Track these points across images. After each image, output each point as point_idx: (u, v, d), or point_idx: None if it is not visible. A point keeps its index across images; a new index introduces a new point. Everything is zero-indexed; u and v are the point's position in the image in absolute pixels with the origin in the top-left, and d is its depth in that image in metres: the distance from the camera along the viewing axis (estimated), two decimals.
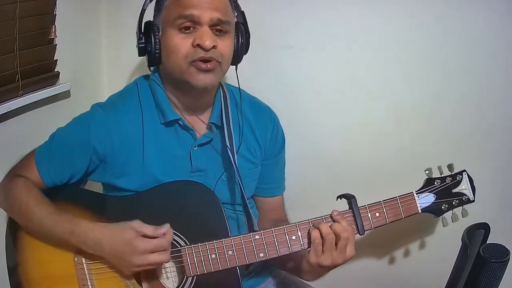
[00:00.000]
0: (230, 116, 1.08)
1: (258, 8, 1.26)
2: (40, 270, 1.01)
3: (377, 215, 0.98)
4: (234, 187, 1.11)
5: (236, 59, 1.05)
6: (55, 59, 1.31)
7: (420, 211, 1.01)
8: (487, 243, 0.98)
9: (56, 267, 1.00)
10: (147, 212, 1.02)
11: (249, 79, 1.16)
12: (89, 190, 1.10)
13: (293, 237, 0.97)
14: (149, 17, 1.04)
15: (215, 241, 0.96)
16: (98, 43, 1.49)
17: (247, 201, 1.05)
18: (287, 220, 1.22)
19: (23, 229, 1.02)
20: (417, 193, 1.01)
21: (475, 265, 0.94)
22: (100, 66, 1.51)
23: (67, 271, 0.99)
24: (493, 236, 1.01)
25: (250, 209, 1.05)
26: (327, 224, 0.94)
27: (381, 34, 1.26)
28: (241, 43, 1.05)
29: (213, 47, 0.96)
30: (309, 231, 0.95)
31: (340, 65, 1.32)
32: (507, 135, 1.21)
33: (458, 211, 1.02)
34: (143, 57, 1.04)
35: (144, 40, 1.01)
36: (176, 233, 0.99)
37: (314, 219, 0.98)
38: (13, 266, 1.03)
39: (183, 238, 0.99)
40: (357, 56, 1.29)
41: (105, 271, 0.99)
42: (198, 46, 0.96)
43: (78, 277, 0.99)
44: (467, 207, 1.02)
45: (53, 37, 1.28)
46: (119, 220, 1.00)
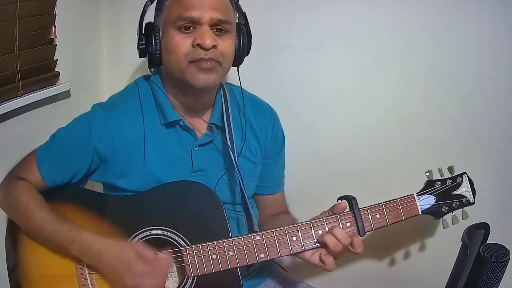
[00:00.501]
0: (230, 116, 1.08)
1: (258, 8, 1.26)
2: (40, 269, 1.01)
3: (378, 216, 0.99)
4: (234, 186, 1.11)
5: (237, 60, 1.05)
6: (55, 59, 1.31)
7: (420, 213, 1.01)
8: (487, 243, 0.98)
9: (56, 267, 1.00)
10: (147, 212, 1.02)
11: (249, 79, 1.16)
12: (89, 189, 1.10)
13: (294, 238, 0.97)
14: (150, 18, 1.04)
15: (216, 242, 0.97)
16: (98, 43, 1.49)
17: (247, 200, 1.05)
18: (288, 212, 1.24)
19: (23, 231, 1.02)
20: (417, 195, 1.01)
21: (475, 265, 0.94)
22: (100, 66, 1.51)
23: (67, 270, 0.99)
24: (493, 236, 1.01)
25: (250, 209, 1.05)
26: (341, 229, 0.95)
27: (382, 34, 1.26)
28: (242, 44, 1.05)
29: (213, 46, 0.96)
30: (323, 238, 0.95)
31: (340, 65, 1.32)
32: (508, 136, 1.21)
33: (458, 213, 1.02)
34: (144, 58, 1.04)
35: (144, 41, 1.01)
36: (177, 233, 0.99)
37: (314, 220, 0.98)
38: (13, 266, 1.03)
39: (184, 238, 0.99)
40: (357, 56, 1.29)
41: None
42: (198, 45, 0.96)
43: (78, 276, 0.99)
44: (467, 209, 1.03)
45: (53, 37, 1.28)
46: (119, 220, 1.00)
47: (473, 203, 1.02)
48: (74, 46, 1.37)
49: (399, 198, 1.00)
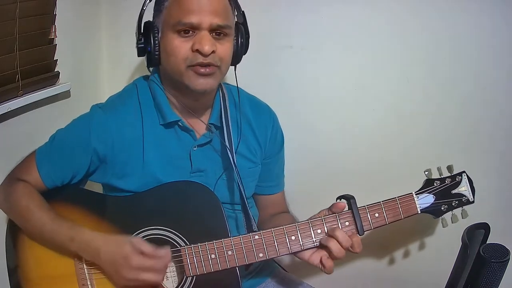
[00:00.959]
0: (229, 116, 1.08)
1: (258, 7, 1.26)
2: (40, 270, 1.01)
3: (377, 215, 0.98)
4: (233, 186, 1.11)
5: (235, 59, 1.05)
6: (55, 59, 1.32)
7: (419, 212, 1.00)
8: (487, 243, 0.98)
9: (56, 267, 1.00)
10: (147, 212, 1.02)
11: (249, 79, 1.16)
12: (89, 190, 1.10)
13: (293, 238, 0.97)
14: (149, 16, 1.04)
15: (214, 241, 0.97)
16: (98, 43, 1.49)
17: (246, 200, 1.05)
18: (288, 211, 1.23)
19: (23, 232, 1.02)
20: (416, 194, 1.01)
21: (475, 265, 0.94)
22: (100, 66, 1.51)
23: (67, 271, 1.00)
24: (493, 236, 1.00)
25: (249, 209, 1.05)
26: (343, 233, 0.95)
27: (382, 34, 1.26)
28: (240, 43, 1.04)
29: (212, 52, 0.96)
30: (327, 243, 0.95)
31: (340, 65, 1.32)
32: (508, 136, 1.21)
33: (457, 212, 1.02)
34: (143, 57, 1.04)
35: (143, 40, 1.01)
36: (175, 233, 0.99)
37: (313, 219, 0.98)
38: (13, 266, 1.03)
39: (183, 238, 0.99)
40: (357, 56, 1.29)
41: None
42: (197, 51, 0.96)
43: (78, 277, 0.99)
44: (466, 208, 1.02)
45: (53, 37, 1.28)
46: (119, 220, 1.00)
47: (473, 201, 1.02)
48: (74, 46, 1.38)
49: (398, 197, 1.00)
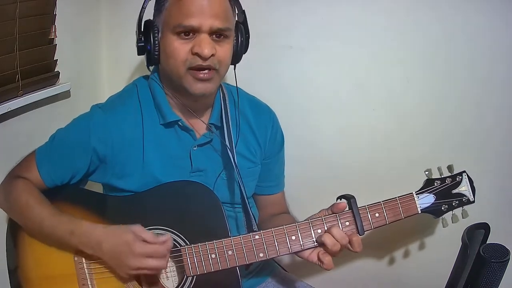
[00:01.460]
0: (229, 116, 1.08)
1: (258, 7, 1.26)
2: (40, 269, 1.02)
3: (377, 215, 0.98)
4: (233, 186, 1.11)
5: (235, 58, 1.05)
6: (55, 59, 1.32)
7: (419, 212, 1.01)
8: (487, 243, 0.97)
9: (56, 267, 1.00)
10: (147, 212, 1.02)
11: (249, 79, 1.16)
12: (89, 190, 1.10)
13: (293, 237, 0.97)
14: (149, 15, 1.04)
15: (215, 241, 0.97)
16: (98, 43, 1.49)
17: (247, 200, 1.05)
18: (288, 212, 1.24)
19: (24, 230, 1.02)
20: (416, 194, 1.01)
21: (475, 265, 0.94)
22: (100, 66, 1.51)
23: (67, 270, 1.00)
24: (493, 236, 1.00)
25: (249, 208, 1.05)
26: (339, 228, 0.95)
27: (382, 34, 1.26)
28: (240, 43, 1.04)
29: (212, 55, 0.96)
30: (321, 238, 0.95)
31: (340, 65, 1.32)
32: (507, 135, 1.21)
33: (458, 212, 1.02)
34: (143, 57, 1.04)
35: (143, 39, 1.01)
36: (176, 232, 0.99)
37: (313, 219, 0.98)
38: (13, 266, 1.03)
39: (183, 237, 0.99)
40: (357, 56, 1.29)
41: (105, 271, 0.99)
42: (196, 54, 0.96)
43: (78, 276, 0.99)
44: (467, 208, 1.02)
45: (53, 37, 1.28)
46: (119, 220, 1.00)
47: (473, 201, 1.02)
48: (74, 46, 1.38)
49: (398, 197, 1.00)
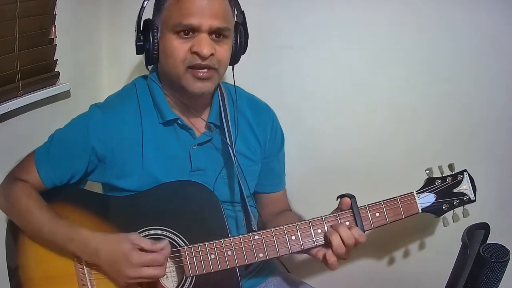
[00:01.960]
0: (228, 114, 1.08)
1: (258, 8, 1.26)
2: (40, 270, 1.01)
3: (377, 215, 0.98)
4: (233, 185, 1.11)
5: (233, 59, 1.05)
6: (55, 59, 1.32)
7: (420, 211, 1.00)
8: (487, 243, 0.97)
9: (56, 267, 1.00)
10: (146, 212, 1.02)
11: (249, 79, 1.16)
12: (88, 190, 1.10)
13: (293, 238, 0.97)
14: (149, 14, 1.04)
15: (214, 241, 0.96)
16: (98, 43, 1.49)
17: (246, 199, 1.05)
18: (290, 209, 1.23)
19: (23, 231, 1.02)
20: (417, 193, 1.01)
21: (475, 265, 0.94)
22: (100, 66, 1.51)
23: (66, 271, 1.00)
24: (493, 236, 1.00)
25: (249, 208, 1.05)
26: (345, 227, 0.95)
27: (382, 34, 1.26)
28: (239, 43, 1.04)
29: (211, 54, 0.96)
30: (327, 235, 0.95)
31: (340, 65, 1.32)
32: (508, 135, 1.21)
33: (459, 211, 1.02)
34: (143, 57, 1.04)
35: (142, 38, 1.01)
36: (175, 233, 0.99)
37: (313, 219, 0.98)
38: (13, 266, 1.03)
39: (183, 238, 0.99)
40: (357, 56, 1.29)
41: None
42: (195, 53, 0.96)
43: (77, 277, 0.99)
44: (468, 207, 1.02)
45: (53, 37, 1.28)
46: (118, 220, 1.00)
47: (474, 200, 1.02)
48: (74, 46, 1.37)
49: (399, 196, 1.00)
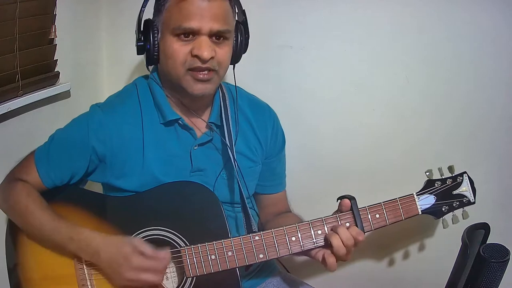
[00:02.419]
0: (229, 115, 1.08)
1: (258, 7, 1.26)
2: (39, 270, 1.01)
3: (377, 216, 0.98)
4: (233, 186, 1.11)
5: (234, 58, 1.05)
6: (55, 59, 1.31)
7: (420, 213, 1.00)
8: (487, 243, 0.98)
9: (55, 267, 1.00)
10: (147, 212, 1.02)
11: (249, 79, 1.16)
12: (89, 190, 1.10)
13: (293, 238, 0.97)
14: (149, 14, 1.03)
15: (214, 242, 0.96)
16: (98, 43, 1.49)
17: (246, 200, 1.05)
18: (290, 211, 1.23)
19: (23, 231, 1.02)
20: (417, 195, 1.01)
21: (475, 265, 0.94)
22: (100, 66, 1.51)
23: (66, 271, 1.00)
24: (493, 236, 1.01)
25: (249, 209, 1.05)
26: (344, 229, 0.95)
27: (382, 34, 1.26)
28: (240, 42, 1.04)
29: (211, 57, 0.96)
30: (327, 237, 0.95)
31: (340, 65, 1.32)
32: (508, 135, 1.21)
33: (458, 212, 1.02)
34: (143, 57, 1.03)
35: (143, 38, 1.00)
36: (176, 233, 0.99)
37: (314, 220, 0.98)
38: (13, 266, 1.03)
39: (183, 238, 0.99)
40: (357, 56, 1.29)
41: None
42: (196, 56, 0.96)
43: (77, 277, 0.99)
44: (467, 209, 1.02)
45: (53, 37, 1.28)
46: (119, 221, 1.00)
47: (474, 202, 1.02)
48: (74, 46, 1.37)
49: (398, 198, 1.00)
